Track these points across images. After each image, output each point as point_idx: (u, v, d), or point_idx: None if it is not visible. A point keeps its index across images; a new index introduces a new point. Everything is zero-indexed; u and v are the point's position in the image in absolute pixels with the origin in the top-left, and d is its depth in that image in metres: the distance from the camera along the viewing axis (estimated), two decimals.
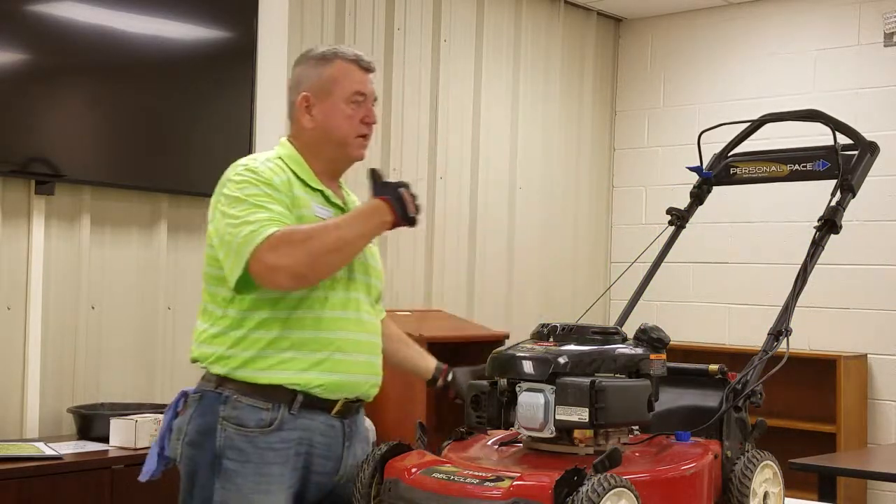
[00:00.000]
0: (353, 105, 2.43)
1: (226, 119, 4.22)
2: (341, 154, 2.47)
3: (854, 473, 4.40)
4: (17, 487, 3.16)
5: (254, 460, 2.26)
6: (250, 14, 4.27)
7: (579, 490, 1.80)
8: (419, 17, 5.21)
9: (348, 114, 2.43)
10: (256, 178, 2.31)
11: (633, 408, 2.04)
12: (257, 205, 2.27)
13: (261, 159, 2.40)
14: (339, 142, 2.45)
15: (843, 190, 2.51)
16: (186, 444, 2.32)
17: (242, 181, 2.31)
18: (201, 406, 2.32)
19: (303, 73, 2.47)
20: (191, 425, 2.32)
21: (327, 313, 2.35)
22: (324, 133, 2.44)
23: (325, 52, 2.47)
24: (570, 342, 2.12)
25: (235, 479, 2.26)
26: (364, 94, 2.45)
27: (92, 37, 3.84)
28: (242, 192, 2.28)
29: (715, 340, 5.99)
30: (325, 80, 2.43)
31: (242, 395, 2.28)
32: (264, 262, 2.20)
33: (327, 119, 2.43)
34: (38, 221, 3.75)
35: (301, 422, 2.31)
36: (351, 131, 2.44)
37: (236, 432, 2.27)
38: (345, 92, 2.43)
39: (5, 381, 3.69)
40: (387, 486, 2.07)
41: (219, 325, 2.32)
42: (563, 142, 6.08)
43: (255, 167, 2.34)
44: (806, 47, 5.81)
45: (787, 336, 2.33)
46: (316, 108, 2.43)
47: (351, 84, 2.43)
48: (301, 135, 2.47)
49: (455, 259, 5.42)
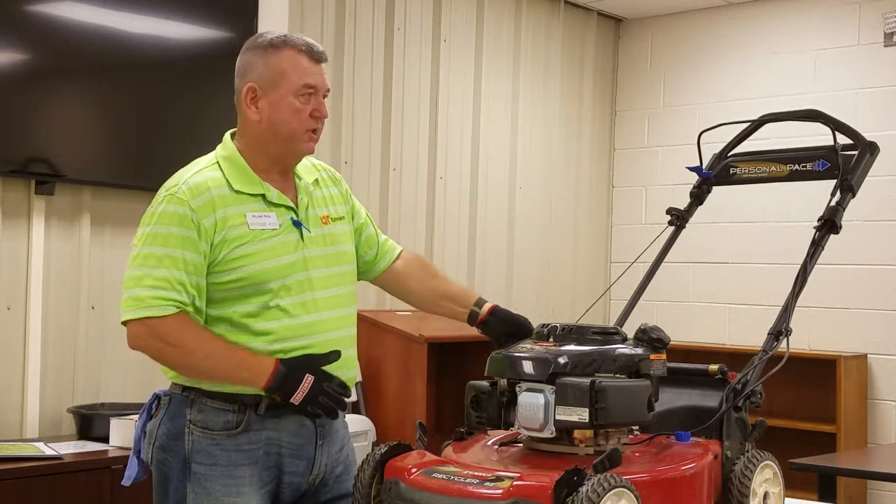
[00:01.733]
0: (301, 98, 2.30)
1: (226, 119, 4.18)
2: (288, 149, 2.34)
3: (854, 473, 4.39)
4: (17, 487, 3.16)
5: (221, 463, 2.24)
6: (250, 14, 4.27)
7: (579, 490, 1.80)
8: (419, 17, 5.21)
9: (297, 107, 2.29)
10: (175, 211, 2.24)
11: (633, 408, 2.04)
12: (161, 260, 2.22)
13: (190, 173, 2.31)
14: (286, 137, 2.31)
15: (843, 190, 2.50)
16: (157, 448, 2.30)
17: (159, 213, 2.26)
18: (170, 409, 2.30)
19: (250, 61, 2.34)
20: (161, 429, 2.30)
21: (302, 318, 2.30)
22: (270, 127, 2.31)
23: (273, 39, 2.33)
24: (570, 342, 2.12)
25: (205, 482, 2.24)
26: (314, 86, 2.31)
27: (92, 37, 3.84)
28: (155, 231, 2.24)
29: (715, 340, 5.99)
30: (274, 70, 2.30)
31: (208, 397, 2.26)
32: (135, 335, 2.24)
33: (274, 112, 2.30)
34: (38, 221, 3.75)
35: (269, 422, 2.28)
36: (299, 126, 2.31)
37: (203, 436, 2.24)
38: (294, 84, 2.29)
39: (5, 381, 3.69)
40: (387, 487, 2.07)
41: None
42: (563, 142, 6.08)
43: (181, 195, 2.25)
44: (806, 47, 5.81)
45: (787, 336, 2.33)
46: (262, 101, 2.31)
47: (300, 76, 2.30)
48: (246, 129, 2.36)
49: (455, 259, 5.42)
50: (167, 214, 2.25)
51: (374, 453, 2.15)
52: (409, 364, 4.45)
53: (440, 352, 4.76)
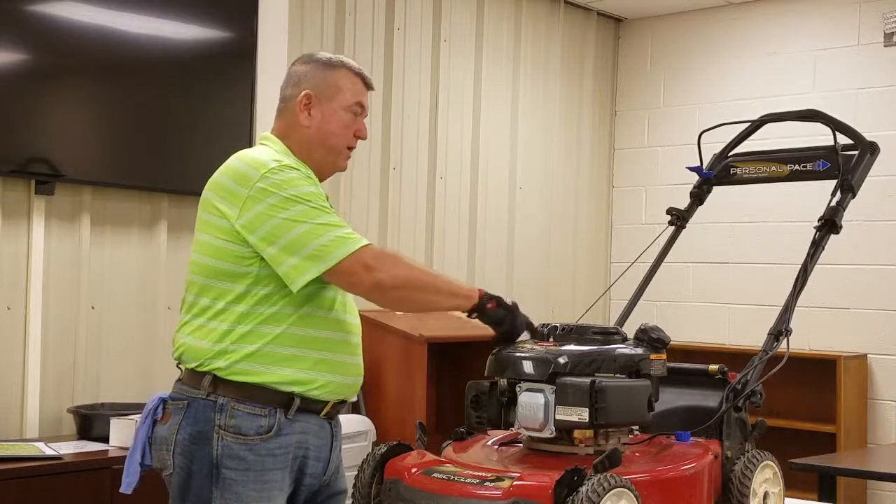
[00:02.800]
0: (350, 115, 2.44)
1: (226, 119, 4.22)
2: (328, 160, 2.45)
3: (854, 473, 4.40)
4: (17, 487, 3.16)
5: (255, 468, 2.23)
6: (250, 14, 4.27)
7: (579, 490, 1.80)
8: (419, 17, 5.21)
9: (346, 122, 2.43)
10: (300, 175, 2.30)
11: (633, 408, 2.05)
12: (322, 205, 2.27)
13: (275, 155, 2.34)
14: (330, 148, 2.43)
15: (843, 190, 2.51)
16: (178, 453, 2.27)
17: (289, 178, 2.27)
18: (190, 414, 2.28)
19: (307, 73, 2.45)
20: (181, 434, 2.28)
21: (333, 314, 2.35)
22: (318, 135, 2.42)
23: (331, 58, 2.48)
24: (570, 342, 2.12)
25: (235, 487, 2.23)
26: (363, 106, 2.46)
27: (92, 37, 3.84)
28: (297, 192, 2.25)
29: (715, 340, 5.99)
30: (331, 83, 2.43)
31: (238, 402, 2.25)
32: (368, 269, 2.21)
33: (325, 122, 2.42)
34: (38, 221, 3.75)
35: (298, 425, 2.29)
36: (344, 141, 2.45)
37: (235, 441, 2.23)
38: (347, 100, 2.43)
39: (5, 381, 3.69)
40: (387, 487, 2.07)
41: (222, 319, 2.27)
42: (563, 142, 6.08)
43: (289, 163, 2.31)
44: (806, 47, 5.81)
45: (787, 336, 2.34)
46: (315, 109, 2.42)
47: (354, 94, 2.44)
48: (293, 133, 2.42)
49: (455, 259, 5.42)
50: (290, 178, 2.28)
51: (374, 453, 2.15)
52: (409, 364, 4.44)
53: (440, 352, 4.76)
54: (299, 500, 2.37)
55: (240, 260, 2.27)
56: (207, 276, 2.32)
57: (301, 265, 2.21)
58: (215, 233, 2.31)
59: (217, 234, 2.30)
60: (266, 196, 2.24)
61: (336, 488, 2.45)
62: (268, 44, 4.32)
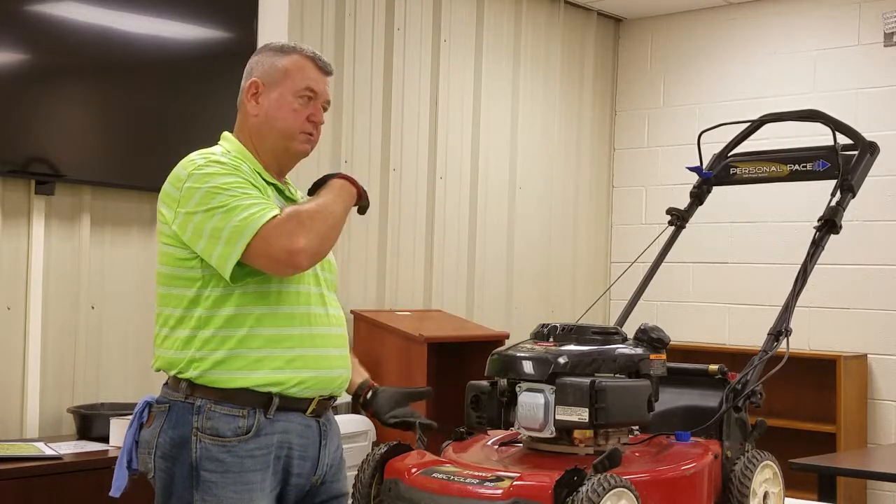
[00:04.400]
0: (301, 100, 2.37)
1: (226, 119, 4.16)
2: (283, 146, 2.39)
3: (854, 473, 4.40)
4: (17, 487, 3.16)
5: (233, 470, 2.22)
6: (250, 14, 4.27)
7: (579, 490, 1.80)
8: (419, 17, 5.21)
9: (295, 107, 2.36)
10: (224, 167, 2.26)
11: (632, 408, 2.05)
12: (239, 191, 2.22)
13: (217, 153, 2.33)
14: (281, 133, 2.37)
15: (843, 190, 2.51)
16: (159, 457, 2.27)
17: (211, 173, 2.25)
18: (171, 417, 2.27)
19: (257, 62, 2.42)
20: (162, 438, 2.27)
21: (299, 308, 2.31)
22: (266, 122, 2.37)
23: (284, 44, 2.43)
24: (570, 342, 2.12)
25: (215, 490, 2.22)
26: (315, 91, 2.38)
27: (92, 37, 3.84)
28: (217, 183, 2.23)
29: (715, 340, 5.99)
30: (279, 69, 2.38)
31: (215, 403, 2.24)
32: (278, 245, 2.17)
33: (273, 109, 2.37)
34: (38, 221, 3.75)
35: (279, 424, 2.28)
36: (295, 125, 2.37)
37: (213, 443, 2.22)
38: (295, 85, 2.37)
39: (5, 381, 3.69)
40: (387, 487, 2.07)
41: (183, 327, 2.27)
42: (563, 142, 6.09)
43: (216, 158, 2.29)
44: (806, 47, 5.81)
45: (787, 336, 2.33)
46: (263, 96, 2.38)
47: (303, 79, 2.37)
48: (245, 124, 2.41)
49: (455, 259, 5.42)
50: (217, 172, 2.26)
51: (374, 453, 2.15)
52: (409, 364, 4.44)
53: (440, 352, 4.76)
54: (289, 499, 2.35)
55: (183, 262, 2.27)
56: (164, 285, 2.32)
57: (224, 252, 2.19)
58: (163, 239, 2.32)
59: (164, 241, 2.31)
60: (192, 194, 2.24)
61: (335, 491, 2.43)
62: None
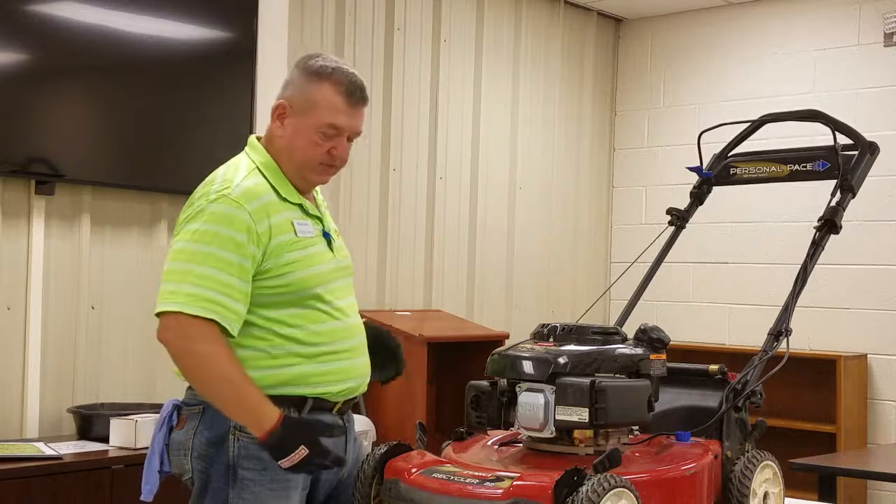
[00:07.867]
0: (322, 136, 2.32)
1: (226, 119, 4.22)
2: (299, 174, 2.37)
3: (854, 473, 4.40)
4: (17, 487, 3.16)
5: (271, 467, 2.22)
6: (250, 14, 4.27)
7: (579, 490, 1.80)
8: (419, 17, 5.21)
9: (315, 142, 2.32)
10: (223, 222, 2.22)
11: (632, 408, 2.05)
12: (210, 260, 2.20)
13: (240, 177, 2.30)
14: (299, 163, 2.34)
15: (843, 190, 2.51)
16: (196, 458, 2.28)
17: (210, 217, 2.23)
18: (206, 418, 2.28)
19: (293, 80, 2.37)
20: (198, 439, 2.28)
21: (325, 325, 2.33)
22: (288, 148, 2.35)
23: (321, 67, 2.34)
24: (570, 342, 2.12)
25: (253, 487, 2.24)
26: (339, 128, 2.33)
27: (92, 37, 3.84)
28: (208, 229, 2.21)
29: (715, 340, 5.99)
30: (307, 99, 2.33)
31: None
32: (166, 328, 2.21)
33: (294, 137, 2.33)
34: (38, 221, 3.75)
35: None
36: (313, 158, 2.34)
37: (251, 441, 2.23)
38: (320, 120, 2.31)
39: (5, 381, 3.69)
40: (387, 487, 2.07)
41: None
42: (563, 142, 6.08)
43: (236, 197, 2.25)
44: (806, 47, 5.81)
45: (787, 336, 2.34)
46: (289, 120, 2.34)
47: (329, 115, 2.31)
48: (272, 141, 2.39)
49: (455, 259, 5.42)
50: (218, 214, 2.23)
51: (374, 453, 2.15)
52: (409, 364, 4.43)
53: (440, 352, 4.76)
54: (318, 496, 2.38)
55: None
56: None
57: (160, 296, 2.25)
58: None
59: None
60: (194, 218, 2.26)
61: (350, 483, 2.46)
62: (267, 44, 4.32)
